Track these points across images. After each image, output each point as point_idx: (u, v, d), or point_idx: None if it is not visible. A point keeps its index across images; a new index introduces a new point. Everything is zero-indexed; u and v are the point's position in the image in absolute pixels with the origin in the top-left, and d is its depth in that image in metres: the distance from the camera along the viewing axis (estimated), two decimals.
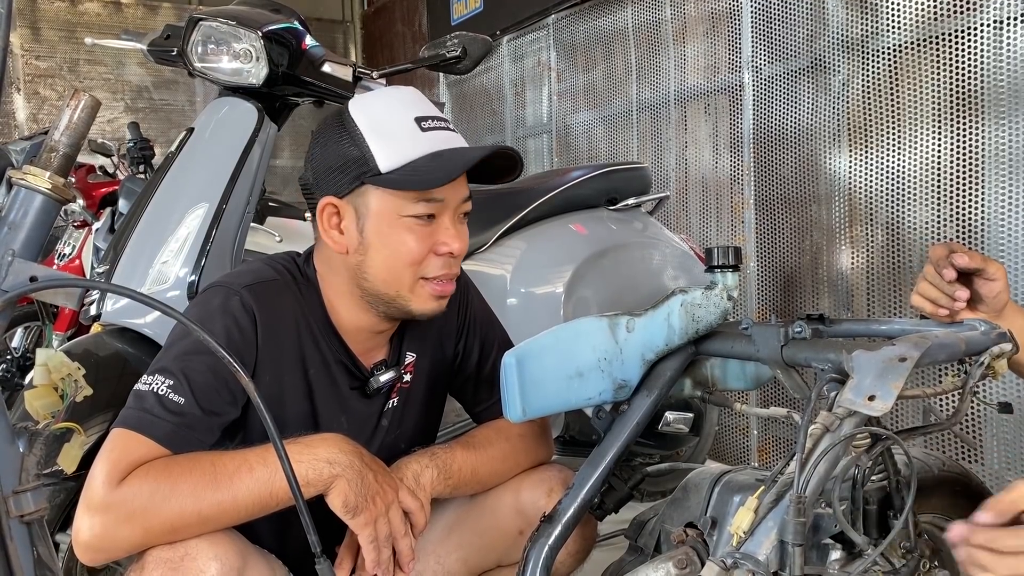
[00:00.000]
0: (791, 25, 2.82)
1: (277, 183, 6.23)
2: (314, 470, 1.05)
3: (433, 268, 1.18)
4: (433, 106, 1.21)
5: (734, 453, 3.14)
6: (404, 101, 1.18)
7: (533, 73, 4.47)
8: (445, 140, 1.16)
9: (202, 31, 1.74)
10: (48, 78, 5.96)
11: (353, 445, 1.11)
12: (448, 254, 1.18)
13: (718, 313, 1.20)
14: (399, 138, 1.14)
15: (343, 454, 1.08)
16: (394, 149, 1.13)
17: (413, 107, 1.17)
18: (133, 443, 1.03)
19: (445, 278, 1.19)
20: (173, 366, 1.09)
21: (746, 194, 3.03)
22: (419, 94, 1.22)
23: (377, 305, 1.20)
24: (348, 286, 1.20)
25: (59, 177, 0.76)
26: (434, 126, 1.16)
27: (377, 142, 1.13)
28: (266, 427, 0.82)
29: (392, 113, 1.16)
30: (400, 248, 1.15)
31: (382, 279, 1.17)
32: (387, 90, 1.24)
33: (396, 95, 1.20)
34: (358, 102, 1.18)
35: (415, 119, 1.15)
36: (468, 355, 1.38)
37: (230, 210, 1.72)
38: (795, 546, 0.90)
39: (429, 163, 1.13)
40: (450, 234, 1.17)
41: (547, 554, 1.14)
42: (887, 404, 0.90)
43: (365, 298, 1.20)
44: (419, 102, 1.19)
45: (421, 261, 1.17)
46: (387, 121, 1.15)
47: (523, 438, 1.33)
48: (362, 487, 1.07)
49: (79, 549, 1.00)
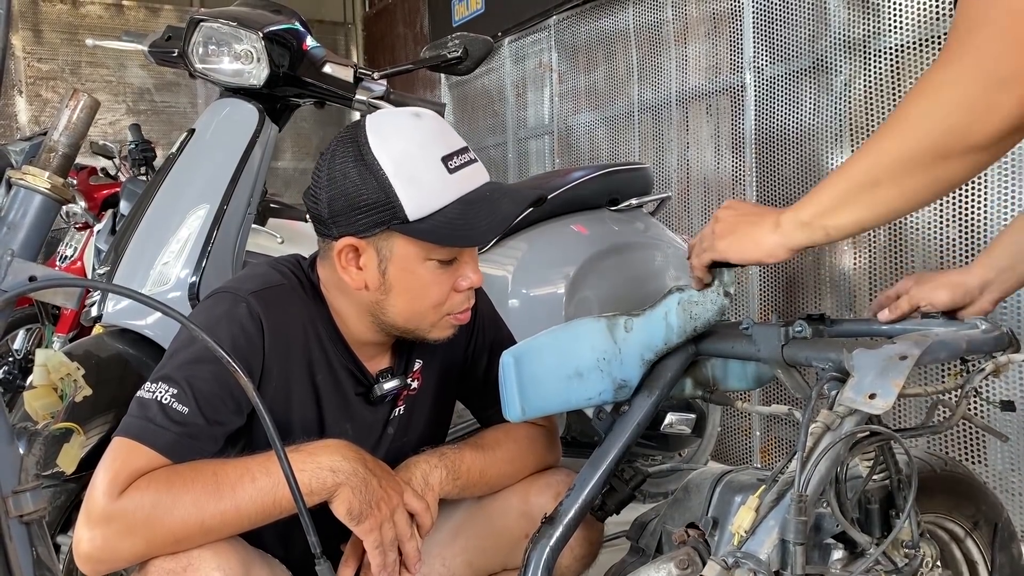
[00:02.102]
0: (793, 25, 2.82)
1: (279, 185, 6.23)
2: (317, 479, 1.04)
3: (456, 304, 1.19)
4: (454, 134, 1.16)
5: (736, 454, 3.13)
6: (427, 135, 1.12)
7: (534, 74, 4.47)
8: (472, 178, 1.13)
9: (203, 32, 1.74)
10: (50, 80, 5.97)
11: (356, 451, 1.10)
12: (469, 288, 1.19)
13: (715, 310, 1.20)
14: (428, 184, 1.09)
15: (346, 461, 1.07)
16: (424, 197, 1.09)
17: (437, 142, 1.12)
18: (135, 453, 1.02)
19: (465, 311, 1.21)
20: (177, 374, 1.08)
21: (748, 195, 3.03)
22: (438, 120, 1.16)
23: (391, 331, 1.21)
24: (359, 311, 1.20)
25: (58, 177, 0.76)
26: (460, 163, 1.12)
27: (405, 189, 1.08)
28: (268, 435, 0.82)
29: (418, 152, 1.10)
30: (424, 291, 1.16)
31: (404, 317, 1.18)
32: (406, 120, 1.13)
33: (418, 128, 1.12)
34: (379, 135, 1.11)
35: (442, 159, 1.10)
36: (477, 360, 1.38)
37: (231, 211, 1.71)
38: (797, 545, 0.90)
39: (461, 214, 1.10)
40: (471, 268, 1.18)
41: (548, 555, 1.13)
42: (888, 402, 0.90)
43: (378, 324, 1.20)
44: (442, 134, 1.13)
45: (444, 301, 1.17)
46: (414, 163, 1.09)
47: (532, 441, 1.33)
48: (366, 493, 1.06)
49: (80, 560, 1.00)
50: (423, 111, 1.16)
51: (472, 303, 1.22)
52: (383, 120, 1.13)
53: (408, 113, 1.14)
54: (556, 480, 1.30)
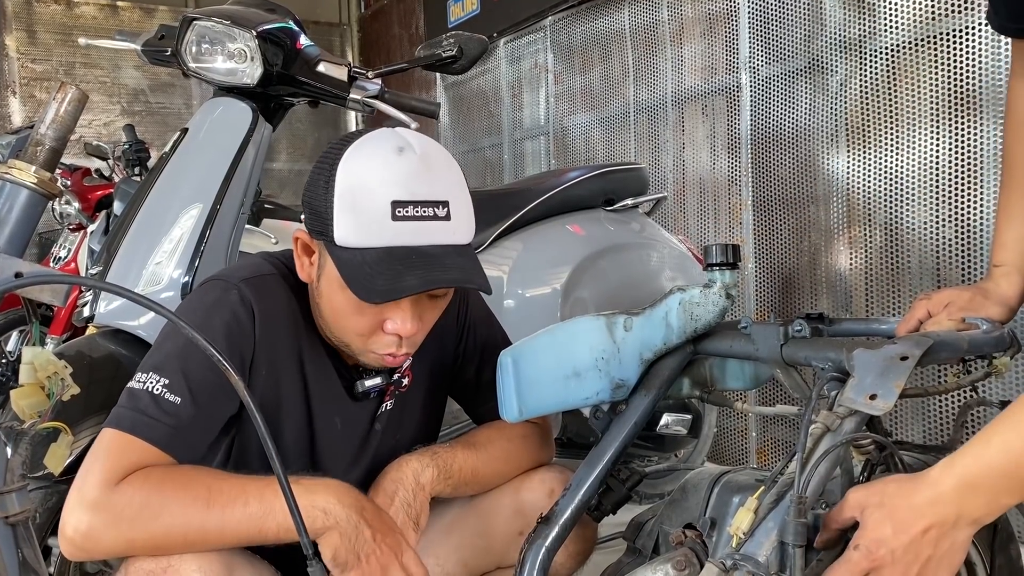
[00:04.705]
0: (788, 26, 2.81)
1: (274, 186, 6.22)
2: (308, 517, 1.01)
3: (380, 344, 1.12)
4: (432, 184, 1.06)
5: (733, 455, 3.12)
6: (394, 174, 1.05)
7: (530, 75, 4.47)
8: (415, 234, 1.05)
9: (196, 31, 1.72)
10: (44, 81, 5.95)
11: (355, 497, 1.07)
12: (395, 335, 1.11)
13: (716, 311, 1.19)
14: (364, 220, 1.04)
15: (341, 506, 1.04)
16: (353, 230, 1.04)
17: (400, 185, 1.04)
18: (129, 445, 1.02)
19: (391, 356, 1.13)
20: (169, 363, 1.07)
21: (744, 195, 3.02)
22: (424, 164, 1.07)
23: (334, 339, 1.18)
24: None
25: (45, 171, 0.75)
26: (412, 214, 1.04)
27: (342, 214, 1.04)
28: (262, 441, 0.80)
29: (374, 186, 1.04)
30: (343, 317, 1.11)
31: (333, 329, 1.15)
32: (386, 152, 1.07)
33: (389, 164, 1.05)
34: (354, 153, 1.07)
35: (393, 202, 1.03)
36: (468, 357, 1.36)
37: (224, 211, 1.70)
38: (796, 547, 0.89)
39: (372, 264, 1.04)
40: (400, 315, 1.09)
41: (544, 555, 1.12)
42: (889, 403, 0.89)
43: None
44: (412, 178, 1.05)
45: (368, 335, 1.12)
46: (362, 194, 1.04)
47: (525, 439, 1.32)
48: (355, 543, 1.04)
49: (63, 542, 0.99)
50: (415, 146, 1.08)
51: (403, 352, 1.13)
52: (367, 142, 1.08)
53: (393, 145, 1.07)
54: (549, 477, 1.29)
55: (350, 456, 1.26)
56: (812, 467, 0.91)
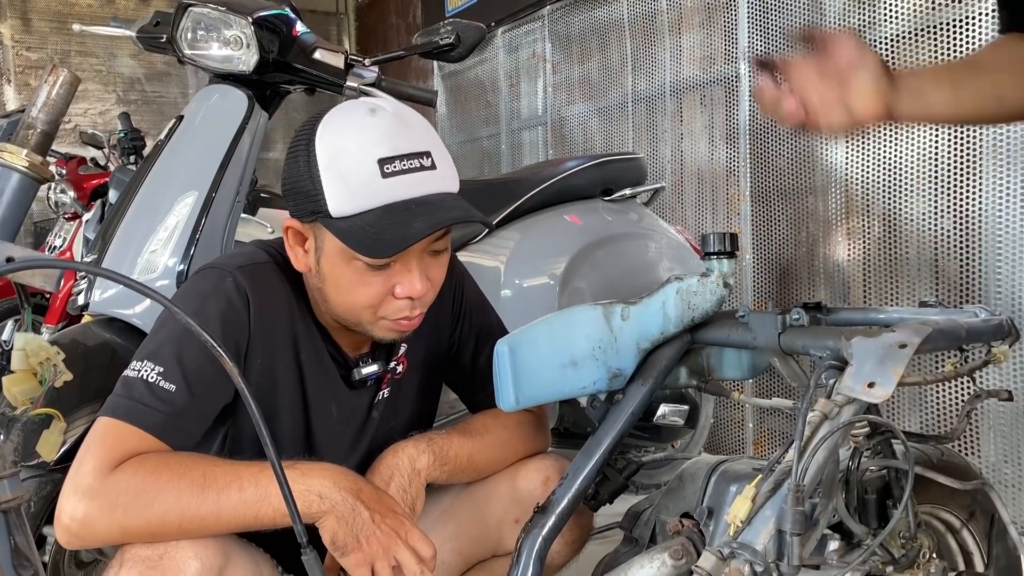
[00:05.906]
0: (788, 15, 2.80)
1: (270, 176, 6.18)
2: (303, 501, 1.01)
3: (392, 311, 1.12)
4: (412, 136, 1.08)
5: (729, 446, 3.12)
6: (372, 134, 1.06)
7: (528, 65, 4.45)
8: (411, 186, 1.06)
9: (192, 17, 1.71)
10: (39, 69, 5.91)
11: (352, 480, 1.06)
12: (407, 298, 1.11)
13: (714, 301, 1.18)
14: (354, 184, 1.05)
15: (337, 490, 1.04)
16: (347, 196, 1.05)
17: (382, 143, 1.05)
18: (125, 434, 1.02)
19: (406, 319, 1.14)
20: (164, 351, 1.06)
21: (742, 185, 3.01)
22: (399, 119, 1.08)
23: (338, 320, 1.18)
24: (315, 295, 1.18)
25: (37, 155, 0.74)
26: (400, 168, 1.05)
27: (332, 185, 1.05)
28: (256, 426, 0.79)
29: (355, 150, 1.05)
30: (352, 290, 1.11)
31: (340, 310, 1.15)
32: (358, 115, 1.08)
33: (365, 126, 1.07)
34: (327, 126, 1.08)
35: (379, 160, 1.04)
36: (463, 344, 1.36)
37: (220, 198, 1.69)
38: (794, 535, 0.89)
39: (375, 222, 1.04)
40: (408, 277, 1.10)
41: (540, 544, 1.12)
42: (887, 391, 0.89)
43: (327, 311, 1.18)
44: (392, 134, 1.06)
45: (378, 304, 1.12)
46: (347, 160, 1.05)
47: (520, 426, 1.31)
48: (354, 526, 1.03)
49: (59, 530, 0.99)
50: (384, 106, 1.09)
51: (416, 315, 1.14)
52: (337, 112, 1.09)
53: (365, 108, 1.08)
54: (545, 465, 1.29)
55: (347, 444, 1.26)
56: (810, 455, 0.91)
